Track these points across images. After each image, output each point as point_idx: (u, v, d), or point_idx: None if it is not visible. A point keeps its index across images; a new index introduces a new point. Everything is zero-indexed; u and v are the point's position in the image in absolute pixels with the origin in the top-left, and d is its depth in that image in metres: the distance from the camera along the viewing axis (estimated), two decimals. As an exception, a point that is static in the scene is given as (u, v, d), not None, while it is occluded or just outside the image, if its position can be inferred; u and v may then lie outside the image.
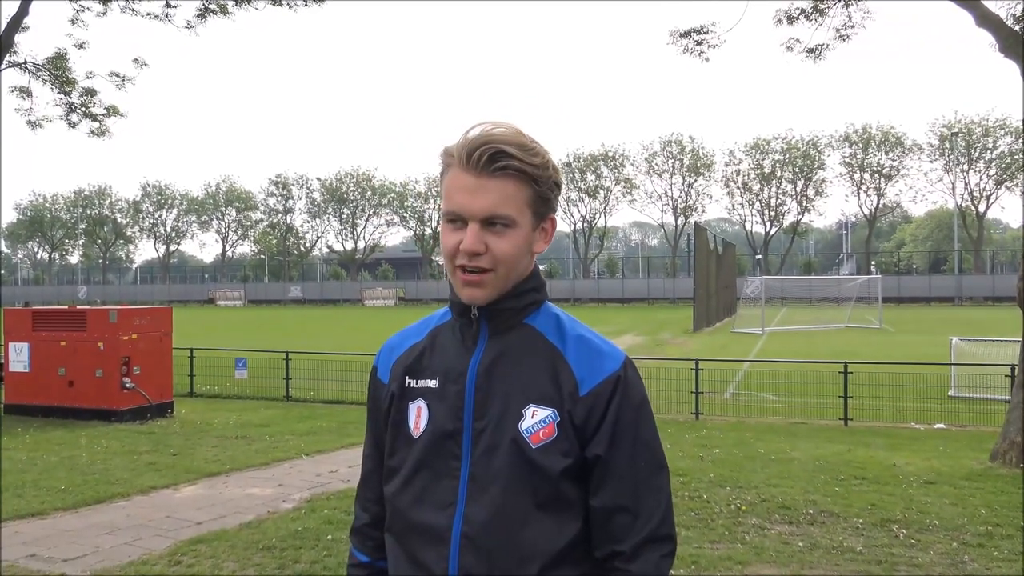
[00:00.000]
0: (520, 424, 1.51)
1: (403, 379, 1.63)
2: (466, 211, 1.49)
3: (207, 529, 6.29)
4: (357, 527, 1.75)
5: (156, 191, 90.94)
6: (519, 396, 1.52)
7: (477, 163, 1.48)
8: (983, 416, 11.45)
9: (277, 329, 36.18)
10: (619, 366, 1.55)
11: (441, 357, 1.61)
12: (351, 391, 14.09)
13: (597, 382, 1.53)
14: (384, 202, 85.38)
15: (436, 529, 1.51)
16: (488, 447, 1.51)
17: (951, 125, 66.84)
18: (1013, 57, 8.84)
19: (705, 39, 12.07)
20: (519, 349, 1.57)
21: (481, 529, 1.48)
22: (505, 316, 1.57)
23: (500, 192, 1.48)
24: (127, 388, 11.46)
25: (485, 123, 1.53)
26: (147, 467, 8.50)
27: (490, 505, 1.49)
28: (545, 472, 1.49)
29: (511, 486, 1.49)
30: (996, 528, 6.12)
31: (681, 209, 75.24)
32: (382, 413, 1.66)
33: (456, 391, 1.55)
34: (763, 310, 32.15)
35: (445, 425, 1.54)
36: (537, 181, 1.51)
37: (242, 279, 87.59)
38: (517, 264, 1.54)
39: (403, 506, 1.57)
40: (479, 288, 1.52)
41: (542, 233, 1.58)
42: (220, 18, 13.82)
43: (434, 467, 1.54)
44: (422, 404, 1.58)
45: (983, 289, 58.10)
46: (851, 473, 7.99)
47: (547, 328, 1.59)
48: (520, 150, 1.49)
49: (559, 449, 1.50)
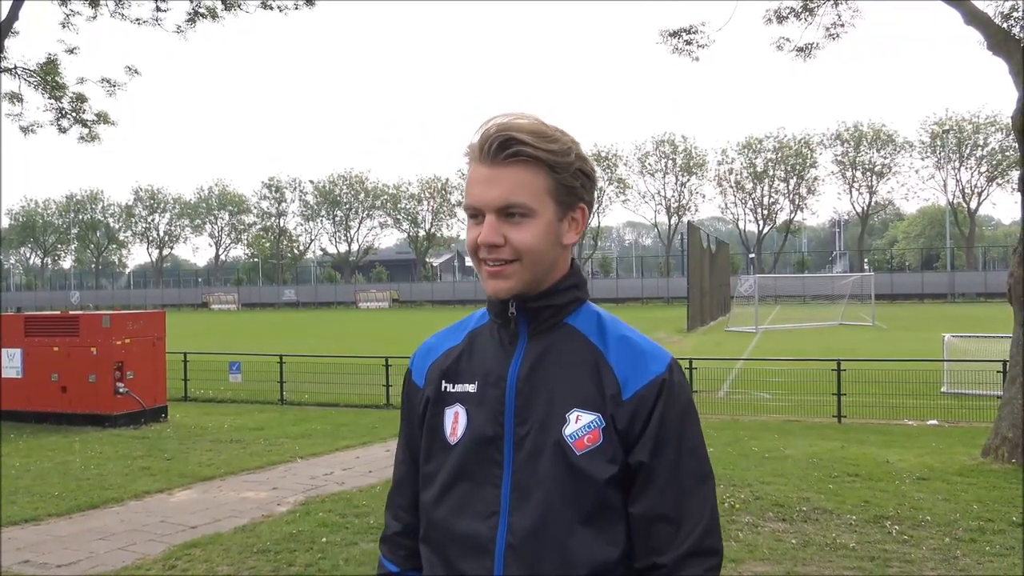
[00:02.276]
0: (564, 429, 1.44)
1: (439, 383, 1.57)
2: (481, 202, 1.45)
3: (201, 533, 6.28)
4: (388, 536, 1.68)
5: (148, 195, 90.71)
6: (562, 400, 1.46)
7: (489, 153, 1.44)
8: (975, 412, 11.50)
9: (271, 332, 36.11)
10: (664, 368, 1.48)
11: (480, 360, 1.55)
12: (345, 394, 14.10)
13: (641, 385, 1.46)
14: (377, 204, 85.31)
15: (478, 539, 1.45)
16: (531, 453, 1.45)
17: (942, 122, 67.11)
18: (1001, 54, 8.89)
19: (695, 39, 12.09)
20: (560, 350, 1.51)
21: (526, 539, 1.42)
22: (545, 315, 1.52)
23: (513, 180, 1.44)
24: (121, 393, 11.43)
25: (504, 114, 1.48)
26: (141, 472, 8.48)
27: (535, 513, 1.43)
28: (590, 480, 1.43)
29: (556, 494, 1.43)
30: (988, 523, 6.15)
31: (674, 208, 75.34)
32: (417, 418, 1.61)
33: (496, 395, 1.50)
34: (757, 308, 32.22)
35: (485, 430, 1.48)
36: (555, 168, 1.45)
37: (236, 282, 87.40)
38: (543, 256, 1.47)
39: (442, 515, 1.51)
40: (503, 280, 1.47)
41: (572, 224, 1.51)
42: (210, 22, 13.79)
43: (474, 474, 1.48)
44: (459, 409, 1.52)
45: (975, 285, 58.30)
46: (844, 470, 8.02)
47: (588, 328, 1.53)
48: (534, 137, 1.44)
49: (604, 456, 1.44)
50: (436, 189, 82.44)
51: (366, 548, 5.75)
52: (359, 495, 7.34)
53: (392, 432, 10.78)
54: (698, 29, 12.16)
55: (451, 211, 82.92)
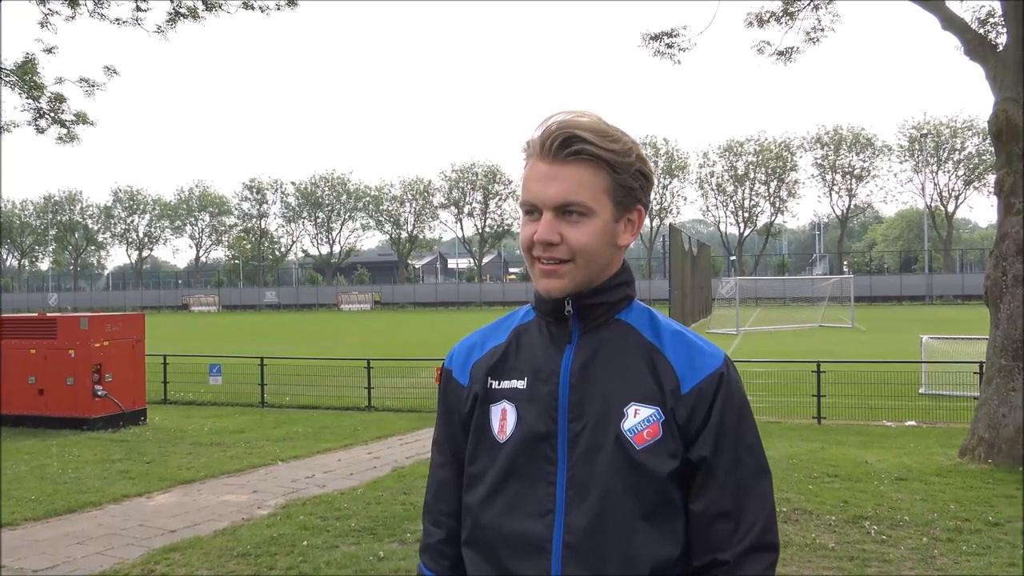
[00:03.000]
0: (623, 424, 1.42)
1: (486, 380, 1.53)
2: (539, 199, 1.43)
3: (181, 537, 6.23)
4: (431, 544, 1.61)
5: (128, 196, 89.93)
6: (619, 394, 1.44)
7: (550, 150, 1.42)
8: (953, 413, 11.62)
9: (252, 334, 35.88)
10: (721, 363, 1.48)
11: (528, 356, 1.51)
12: (327, 396, 14.05)
13: (700, 379, 1.45)
14: (359, 206, 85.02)
15: (534, 539, 1.41)
16: (588, 449, 1.42)
17: (920, 126, 67.86)
18: (978, 59, 9.00)
19: (676, 42, 12.17)
20: (614, 346, 1.49)
21: (585, 537, 1.39)
22: (598, 312, 1.50)
23: (573, 178, 1.42)
24: (99, 396, 11.32)
25: (565, 111, 1.46)
26: (119, 475, 8.41)
27: (593, 511, 1.40)
28: (652, 475, 1.41)
29: (615, 490, 1.40)
30: (965, 523, 6.22)
31: (656, 211, 75.60)
32: (461, 417, 1.56)
33: (548, 391, 1.46)
34: (738, 310, 32.42)
35: (537, 427, 1.45)
36: (616, 168, 1.44)
37: (216, 284, 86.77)
38: (597, 256, 1.46)
39: (491, 516, 1.46)
40: (557, 279, 1.44)
41: (628, 225, 1.50)
42: (191, 22, 13.71)
43: (527, 472, 1.44)
44: (508, 406, 1.49)
45: (953, 288, 58.92)
46: (824, 471, 8.08)
47: (641, 324, 1.52)
48: (596, 135, 1.42)
49: (666, 450, 1.42)
50: (419, 191, 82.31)
51: (347, 551, 5.73)
52: (340, 498, 7.31)
53: (374, 434, 10.74)
54: (680, 32, 12.23)
55: (433, 213, 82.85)
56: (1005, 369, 8.29)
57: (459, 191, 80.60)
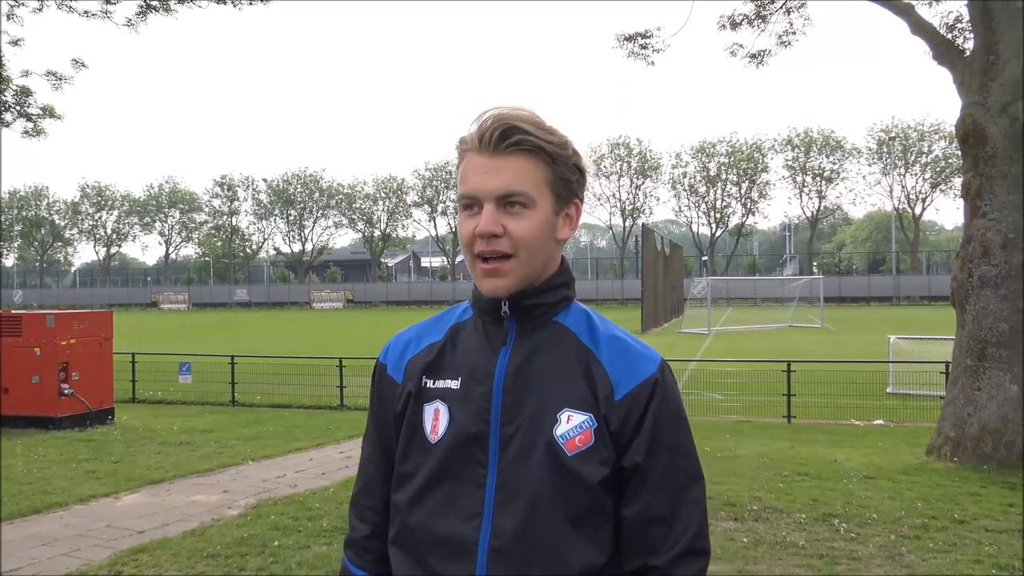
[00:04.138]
0: (555, 429, 1.40)
1: (420, 379, 1.50)
2: (480, 191, 1.41)
3: (149, 538, 6.15)
4: (356, 539, 1.60)
5: (96, 192, 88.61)
6: (553, 399, 1.42)
7: (490, 142, 1.41)
8: (919, 412, 11.79)
9: (223, 333, 35.52)
10: (656, 368, 1.46)
11: (463, 356, 1.49)
12: (299, 395, 13.94)
13: (634, 385, 1.43)
14: (332, 203, 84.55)
15: (460, 541, 1.40)
16: (519, 452, 1.40)
17: (888, 130, 68.87)
18: (946, 64, 9.14)
19: (650, 43, 12.24)
20: (551, 349, 1.47)
21: (511, 541, 1.38)
22: (535, 313, 1.48)
23: (515, 169, 1.41)
24: (65, 395, 11.14)
25: (498, 107, 1.45)
26: (86, 475, 8.28)
27: (521, 515, 1.38)
28: (582, 481, 1.39)
29: (544, 495, 1.39)
30: (932, 520, 6.32)
31: (629, 211, 76.02)
32: (393, 415, 1.53)
33: (482, 392, 1.44)
34: (709, 310, 32.66)
35: (468, 428, 1.43)
36: (555, 159, 1.44)
37: (186, 282, 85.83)
38: (539, 250, 1.44)
39: (420, 516, 1.45)
40: (500, 278, 1.42)
41: (567, 219, 1.49)
42: (162, 16, 13.54)
43: (457, 474, 1.43)
44: (440, 406, 1.47)
45: (920, 289, 59.88)
46: (794, 469, 8.17)
47: (579, 327, 1.50)
48: (535, 127, 1.42)
49: (597, 457, 1.40)
50: (392, 189, 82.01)
51: (319, 551, 5.69)
52: (312, 497, 7.26)
53: (347, 433, 10.68)
54: (654, 34, 12.31)
55: (407, 211, 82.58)
56: (971, 369, 8.43)
57: (433, 189, 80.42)
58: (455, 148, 1.49)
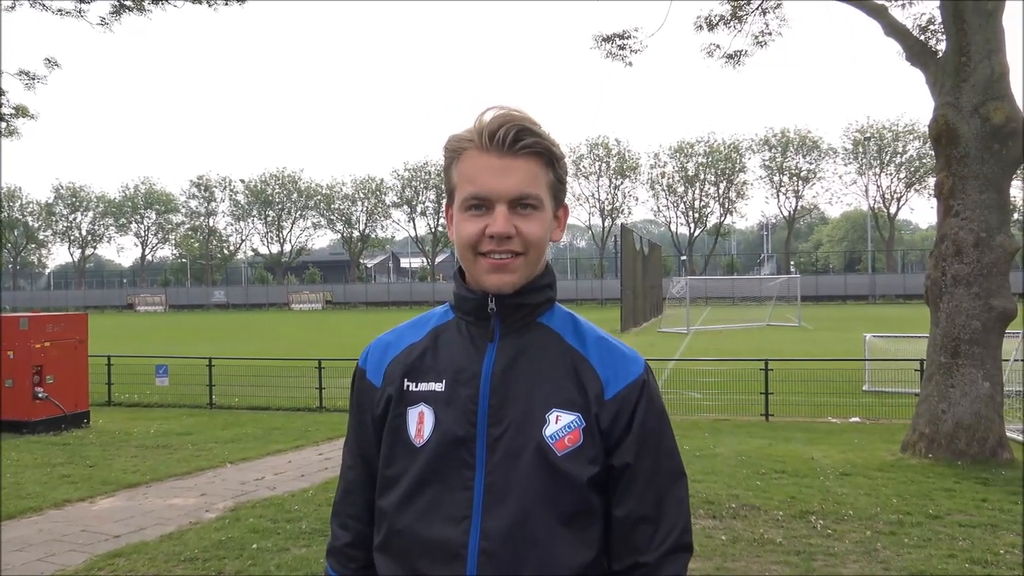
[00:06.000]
0: (544, 430, 1.41)
1: (401, 382, 1.50)
2: (494, 192, 1.40)
3: (125, 542, 6.09)
4: (337, 547, 1.59)
5: (70, 193, 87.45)
6: (541, 400, 1.43)
7: (502, 143, 1.40)
8: (895, 409, 11.93)
9: (200, 335, 35.22)
10: (643, 370, 1.49)
11: (447, 358, 1.49)
12: (277, 397, 13.87)
13: (623, 386, 1.46)
14: (311, 204, 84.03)
15: (449, 545, 1.39)
16: (507, 454, 1.40)
17: (864, 130, 69.51)
18: (919, 65, 9.25)
19: (628, 44, 12.29)
20: (536, 351, 1.47)
21: (501, 543, 1.38)
22: (521, 313, 1.48)
23: (526, 171, 1.42)
24: (40, 398, 11.01)
25: (497, 106, 1.45)
26: (61, 480, 8.18)
27: (510, 517, 1.38)
28: (571, 481, 1.41)
29: (533, 496, 1.39)
30: (907, 516, 6.40)
31: (608, 211, 76.21)
32: (373, 420, 1.52)
33: (468, 394, 1.44)
34: (688, 310, 32.81)
35: (455, 431, 1.42)
36: (555, 163, 1.46)
37: (163, 284, 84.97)
38: (543, 250, 1.46)
39: (407, 520, 1.44)
40: (508, 273, 1.42)
41: (558, 221, 1.52)
42: (136, 15, 13.42)
43: (444, 477, 1.42)
44: (425, 409, 1.46)
45: (895, 287, 60.52)
46: (772, 467, 8.23)
47: (564, 329, 1.51)
48: (540, 130, 1.44)
49: (586, 456, 1.42)
50: (371, 189, 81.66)
51: (298, 554, 5.67)
52: (291, 500, 7.22)
53: (326, 435, 10.64)
54: (631, 34, 12.35)
55: (386, 212, 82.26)
56: (944, 366, 8.54)
57: (412, 190, 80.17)
58: (445, 146, 1.47)
